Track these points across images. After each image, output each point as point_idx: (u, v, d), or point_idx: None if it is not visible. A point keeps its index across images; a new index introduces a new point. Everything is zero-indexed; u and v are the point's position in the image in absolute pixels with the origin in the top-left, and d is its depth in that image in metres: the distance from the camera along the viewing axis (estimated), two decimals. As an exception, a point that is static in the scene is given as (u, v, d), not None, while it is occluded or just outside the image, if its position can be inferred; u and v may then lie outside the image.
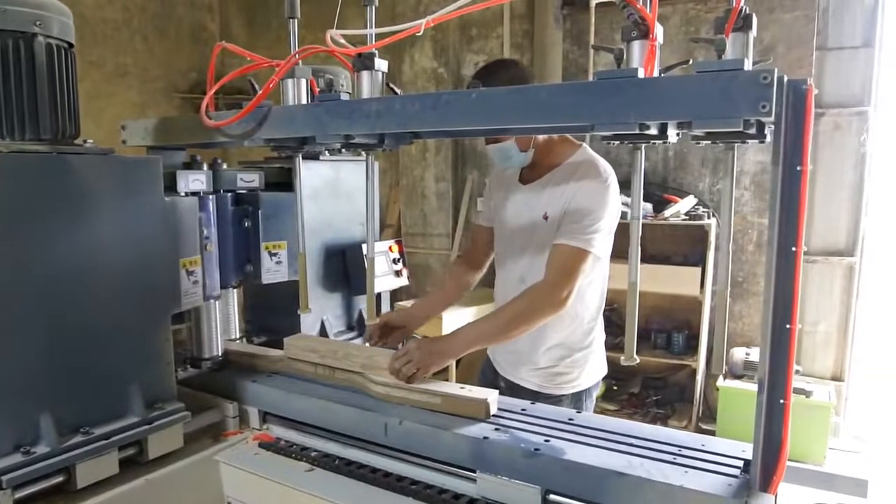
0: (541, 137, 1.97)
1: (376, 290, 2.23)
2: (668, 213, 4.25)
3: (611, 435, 1.44)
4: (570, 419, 1.55)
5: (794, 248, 1.09)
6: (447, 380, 1.89)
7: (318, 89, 1.72)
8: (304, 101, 1.61)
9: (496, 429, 1.47)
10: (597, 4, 4.60)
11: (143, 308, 1.56)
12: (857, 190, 4.25)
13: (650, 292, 4.31)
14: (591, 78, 4.75)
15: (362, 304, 2.39)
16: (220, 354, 1.94)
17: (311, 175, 2.17)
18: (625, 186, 2.91)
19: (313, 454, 1.60)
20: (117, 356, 1.51)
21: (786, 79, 1.05)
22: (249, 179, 2.03)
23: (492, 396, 1.56)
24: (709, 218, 4.31)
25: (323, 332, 2.25)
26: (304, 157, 2.15)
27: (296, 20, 1.64)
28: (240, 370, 1.91)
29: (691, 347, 4.43)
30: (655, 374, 4.68)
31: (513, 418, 1.55)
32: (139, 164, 1.56)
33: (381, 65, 1.52)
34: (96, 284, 1.46)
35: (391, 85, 1.58)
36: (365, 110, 1.41)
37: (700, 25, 4.42)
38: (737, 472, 1.28)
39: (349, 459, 1.57)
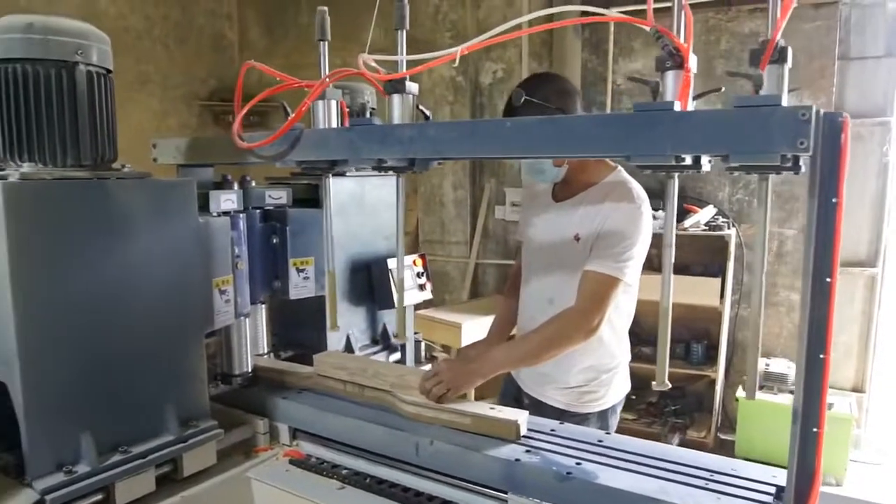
0: None
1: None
2: (687, 223, 4.24)
3: (642, 458, 1.45)
4: (600, 440, 1.56)
5: (828, 279, 1.10)
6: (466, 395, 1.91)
7: (346, 107, 1.75)
8: (334, 123, 1.63)
9: (527, 450, 1.48)
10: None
11: (178, 328, 1.59)
12: (878, 200, 4.22)
13: (670, 302, 4.29)
14: (608, 86, 4.78)
15: (387, 318, 2.41)
16: (249, 370, 1.96)
17: (336, 190, 2.19)
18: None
19: (344, 472, 1.62)
20: (153, 375, 1.54)
21: (822, 112, 1.06)
22: (277, 196, 2.06)
23: (522, 417, 1.57)
24: (728, 228, 4.29)
25: (348, 347, 2.26)
26: (328, 174, 2.19)
27: (326, 42, 1.66)
28: (269, 386, 1.94)
29: (710, 358, 4.41)
30: (674, 383, 4.64)
31: (543, 439, 1.56)
32: (174, 186, 1.59)
33: (413, 88, 1.54)
34: (134, 306, 1.49)
35: (421, 107, 1.59)
36: (398, 136, 1.44)
37: (721, 35, 4.41)
38: (769, 498, 1.29)
39: (380, 478, 1.59)
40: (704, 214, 4.33)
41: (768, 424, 3.91)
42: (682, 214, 4.35)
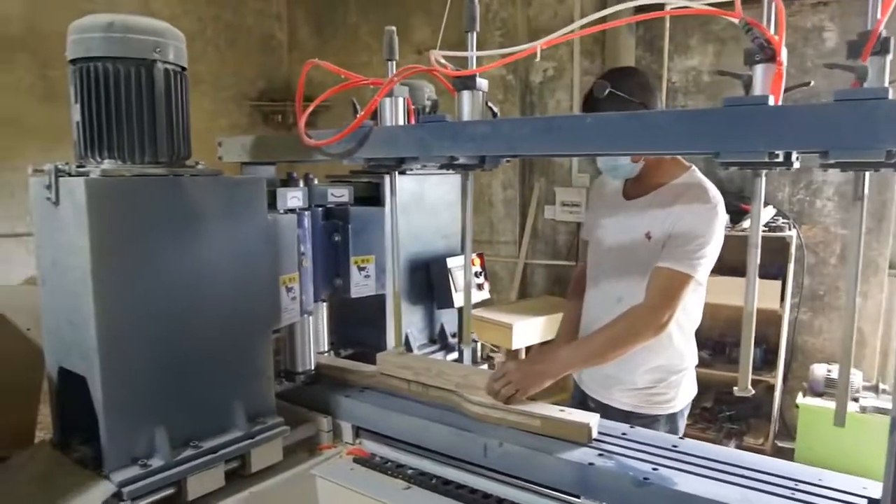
0: None
1: (459, 305, 2.24)
2: (746, 223, 4.11)
3: (720, 465, 1.40)
4: (675, 446, 1.51)
5: None
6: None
7: (412, 104, 1.73)
8: (401, 121, 1.62)
9: (600, 454, 1.45)
10: (671, 9, 4.50)
11: (247, 325, 1.59)
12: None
13: (727, 305, 4.13)
14: (664, 84, 4.67)
15: (445, 317, 2.39)
16: (312, 368, 1.97)
17: (400, 189, 2.18)
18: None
19: (409, 472, 1.60)
20: (223, 372, 1.55)
21: None
22: (339, 194, 2.05)
23: (593, 420, 1.54)
24: (789, 229, 4.15)
25: (407, 346, 2.25)
26: (389, 172, 2.18)
27: (394, 62, 1.63)
28: (332, 384, 1.94)
29: (768, 362, 4.27)
30: (729, 388, 4.53)
31: (615, 443, 1.52)
32: (245, 184, 1.59)
33: (483, 84, 1.52)
34: (205, 302, 1.50)
35: (489, 104, 1.57)
36: (471, 133, 1.42)
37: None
38: None
39: (446, 479, 1.56)
40: (764, 215, 4.20)
41: (831, 432, 3.76)
42: (740, 214, 4.22)
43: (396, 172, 1.77)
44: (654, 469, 1.38)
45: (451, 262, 2.22)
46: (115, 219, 1.33)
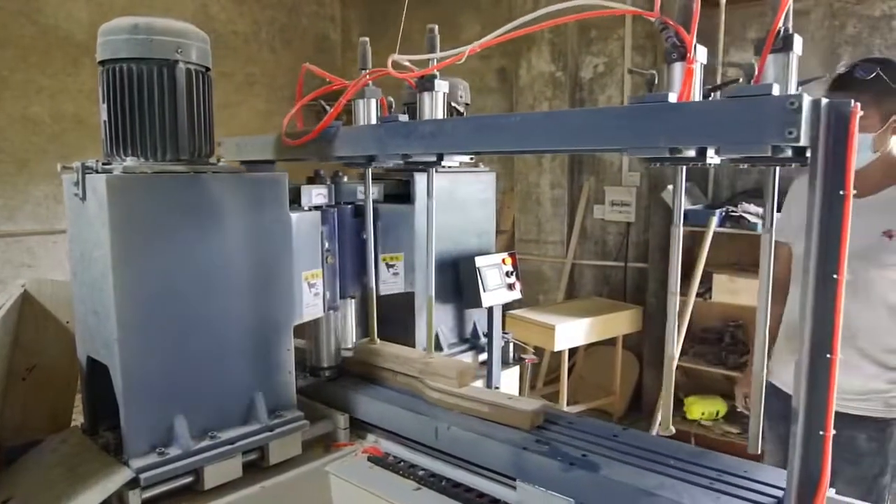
0: (894, 143, 1.93)
1: (488, 304, 2.22)
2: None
3: (652, 454, 1.43)
4: (615, 436, 1.55)
5: (835, 276, 1.06)
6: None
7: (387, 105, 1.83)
8: (373, 120, 1.73)
9: (537, 440, 1.52)
10: (727, 1, 4.33)
11: (267, 319, 1.62)
12: None
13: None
14: (718, 79, 4.51)
15: (476, 316, 2.37)
16: (335, 364, 1.99)
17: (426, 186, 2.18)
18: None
19: (420, 472, 1.60)
20: (243, 364, 1.58)
21: (824, 101, 1.02)
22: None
23: (538, 407, 1.60)
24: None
25: (437, 344, 2.25)
26: (421, 169, 2.18)
27: (367, 70, 1.74)
28: (353, 381, 1.95)
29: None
30: (785, 396, 4.34)
31: (558, 431, 1.58)
32: (266, 181, 1.62)
33: (442, 86, 1.63)
34: (224, 296, 1.53)
35: (454, 104, 1.70)
36: (420, 132, 1.51)
37: (847, 19, 4.05)
38: (772, 501, 1.23)
39: (456, 481, 1.55)
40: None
41: None
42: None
43: (434, 170, 1.79)
44: (584, 455, 1.43)
45: (481, 261, 2.20)
46: (136, 214, 1.38)
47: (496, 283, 2.21)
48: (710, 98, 1.20)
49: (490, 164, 2.64)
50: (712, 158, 1.17)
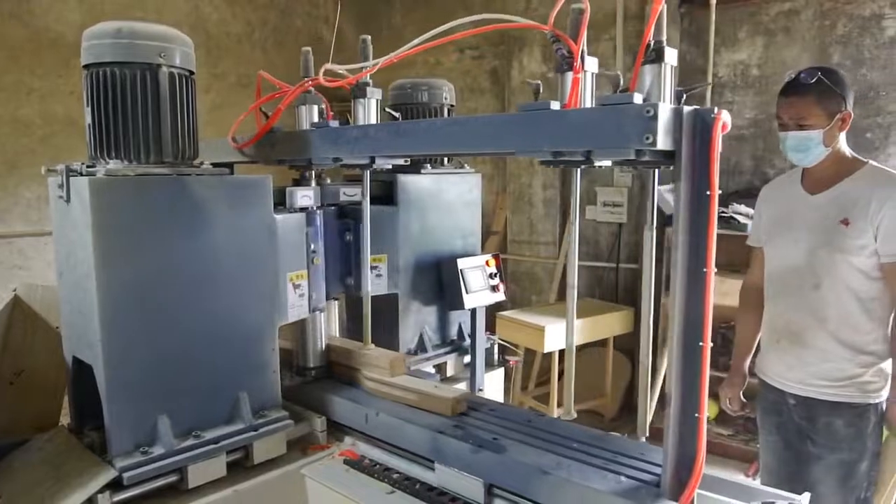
0: (843, 140, 2.12)
1: (471, 306, 2.23)
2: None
3: (559, 438, 1.53)
4: (529, 421, 1.65)
5: (705, 270, 1.13)
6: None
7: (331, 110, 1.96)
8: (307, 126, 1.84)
9: (455, 425, 1.62)
10: (718, 1, 4.36)
11: (250, 320, 1.64)
12: None
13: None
14: (709, 79, 4.54)
15: (461, 317, 2.39)
16: (321, 365, 2.00)
17: (413, 188, 2.20)
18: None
19: (395, 476, 1.61)
20: (227, 365, 1.60)
21: (686, 109, 1.11)
22: (352, 193, 2.09)
23: (459, 395, 1.71)
24: None
25: (421, 345, 2.27)
26: (406, 171, 2.20)
27: (309, 78, 1.84)
28: (334, 382, 1.98)
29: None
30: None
31: (477, 417, 1.69)
32: (250, 183, 1.64)
33: (375, 93, 1.80)
34: (207, 296, 1.55)
35: (388, 109, 1.81)
36: (346, 137, 1.63)
37: (837, 19, 4.07)
38: (654, 478, 1.31)
39: (430, 484, 1.56)
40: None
41: None
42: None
43: (368, 172, 1.87)
44: (494, 439, 1.53)
45: (463, 263, 2.22)
46: (119, 216, 1.40)
47: (480, 284, 2.23)
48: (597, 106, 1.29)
49: (483, 165, 2.68)
50: (601, 161, 1.26)
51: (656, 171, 1.31)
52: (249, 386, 1.64)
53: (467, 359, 2.32)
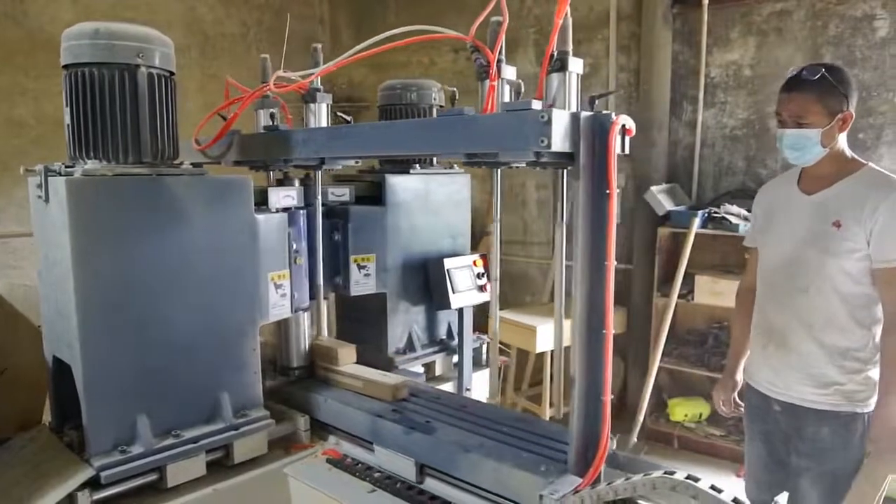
0: (843, 141, 2.06)
1: (457, 306, 2.23)
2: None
3: (488, 422, 1.63)
4: (464, 406, 1.77)
5: (606, 262, 1.21)
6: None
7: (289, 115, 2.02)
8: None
9: (394, 410, 1.72)
10: (710, 2, 4.36)
11: (231, 319, 1.65)
12: None
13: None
14: (701, 79, 4.54)
15: (450, 317, 2.39)
16: (304, 364, 2.01)
17: (402, 188, 2.21)
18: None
19: (376, 475, 1.61)
20: (207, 364, 1.60)
21: (584, 114, 1.20)
22: (340, 194, 2.09)
23: (400, 382, 1.81)
24: None
25: (410, 344, 2.27)
26: (395, 171, 2.21)
27: (268, 85, 1.86)
28: (315, 381, 1.99)
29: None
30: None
31: (416, 402, 1.79)
32: (230, 183, 1.64)
33: (325, 98, 1.92)
34: (189, 296, 1.56)
35: (339, 114, 1.87)
36: (295, 140, 1.71)
37: (829, 19, 4.07)
38: (563, 455, 1.37)
39: (410, 483, 1.57)
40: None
41: None
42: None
43: (319, 172, 1.92)
44: (427, 422, 1.63)
45: (450, 263, 2.22)
46: (96, 216, 1.40)
47: (466, 284, 2.23)
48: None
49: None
50: (507, 161, 1.36)
51: (564, 171, 1.40)
52: (230, 385, 1.64)
53: (455, 358, 2.32)
